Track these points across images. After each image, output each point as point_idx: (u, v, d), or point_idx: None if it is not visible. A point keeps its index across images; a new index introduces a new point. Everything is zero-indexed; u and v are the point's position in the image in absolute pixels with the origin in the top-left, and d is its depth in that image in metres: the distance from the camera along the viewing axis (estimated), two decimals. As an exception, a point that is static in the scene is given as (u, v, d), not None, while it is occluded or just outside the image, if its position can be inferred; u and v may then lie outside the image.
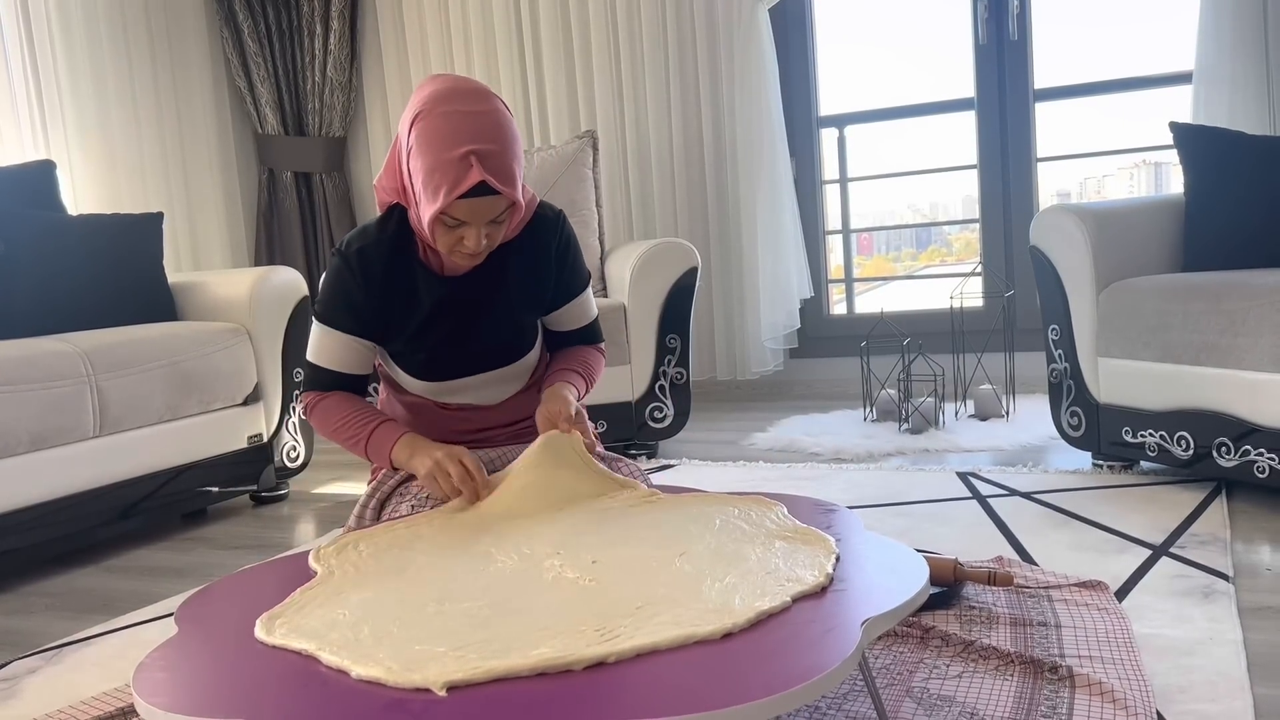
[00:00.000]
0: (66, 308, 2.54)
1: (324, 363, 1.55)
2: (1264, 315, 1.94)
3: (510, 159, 1.37)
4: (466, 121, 1.34)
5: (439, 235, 1.40)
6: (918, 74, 3.78)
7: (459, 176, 1.33)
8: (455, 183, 1.33)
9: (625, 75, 3.77)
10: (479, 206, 1.36)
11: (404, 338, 1.56)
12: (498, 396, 1.64)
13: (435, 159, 1.34)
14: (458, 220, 1.38)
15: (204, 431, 2.52)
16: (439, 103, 1.36)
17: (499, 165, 1.35)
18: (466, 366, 1.59)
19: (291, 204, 4.28)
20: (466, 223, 1.38)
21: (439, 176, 1.34)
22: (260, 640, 1.01)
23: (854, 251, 3.92)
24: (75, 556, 2.33)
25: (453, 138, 1.34)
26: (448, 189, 1.34)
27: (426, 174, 1.36)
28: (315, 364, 1.56)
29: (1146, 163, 3.77)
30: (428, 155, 1.35)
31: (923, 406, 3.00)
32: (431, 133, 1.35)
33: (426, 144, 1.35)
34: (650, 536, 1.22)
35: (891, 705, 1.23)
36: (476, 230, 1.39)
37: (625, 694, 0.83)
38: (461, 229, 1.39)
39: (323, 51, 4.20)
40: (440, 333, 1.55)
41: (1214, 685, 1.24)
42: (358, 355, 1.56)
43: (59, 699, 1.48)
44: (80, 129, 3.54)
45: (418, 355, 1.57)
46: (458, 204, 1.35)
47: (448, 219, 1.38)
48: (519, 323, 1.60)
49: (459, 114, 1.35)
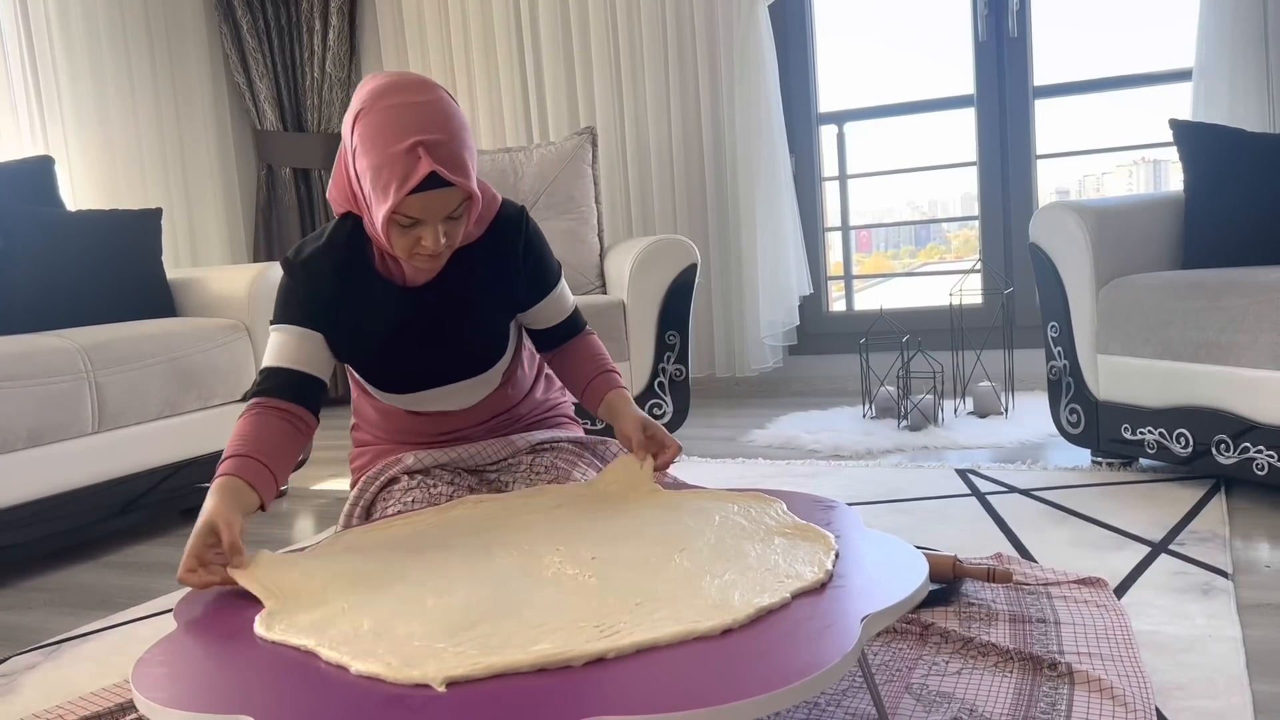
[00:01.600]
0: (65, 304, 2.53)
1: (271, 361, 1.44)
2: (1263, 312, 1.94)
3: (460, 147, 1.30)
4: (410, 113, 1.28)
5: (395, 238, 1.33)
6: (917, 71, 3.78)
7: (408, 170, 1.26)
8: (405, 177, 1.26)
9: (625, 72, 3.77)
10: (433, 201, 1.29)
11: (367, 354, 1.49)
12: (471, 401, 1.58)
13: (381, 155, 1.28)
14: (412, 219, 1.31)
15: (203, 427, 2.52)
16: (380, 98, 1.30)
17: (448, 154, 1.28)
18: (437, 379, 1.53)
19: (290, 200, 4.27)
20: (422, 221, 1.31)
21: (387, 173, 1.28)
22: (260, 636, 1.00)
23: (853, 248, 3.92)
24: (74, 552, 2.32)
25: (398, 130, 1.27)
26: (398, 184, 1.27)
27: (374, 172, 1.29)
28: (262, 369, 1.44)
29: (1145, 160, 3.77)
30: (373, 152, 1.29)
31: (922, 403, 3.00)
32: (375, 129, 1.29)
33: (371, 141, 1.29)
34: (650, 533, 1.22)
35: (890, 702, 1.23)
36: (433, 228, 1.31)
37: (625, 690, 0.83)
38: (417, 228, 1.32)
39: (321, 47, 4.19)
40: (408, 349, 1.49)
41: (1213, 682, 1.24)
42: (310, 350, 1.44)
43: (57, 694, 1.48)
44: (79, 125, 3.54)
45: (384, 371, 1.51)
46: (410, 200, 1.28)
47: (401, 218, 1.30)
48: (491, 329, 1.54)
49: (402, 106, 1.28)
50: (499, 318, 1.54)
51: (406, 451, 1.57)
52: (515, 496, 1.42)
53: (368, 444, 1.65)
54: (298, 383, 1.43)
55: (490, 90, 4.02)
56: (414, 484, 1.51)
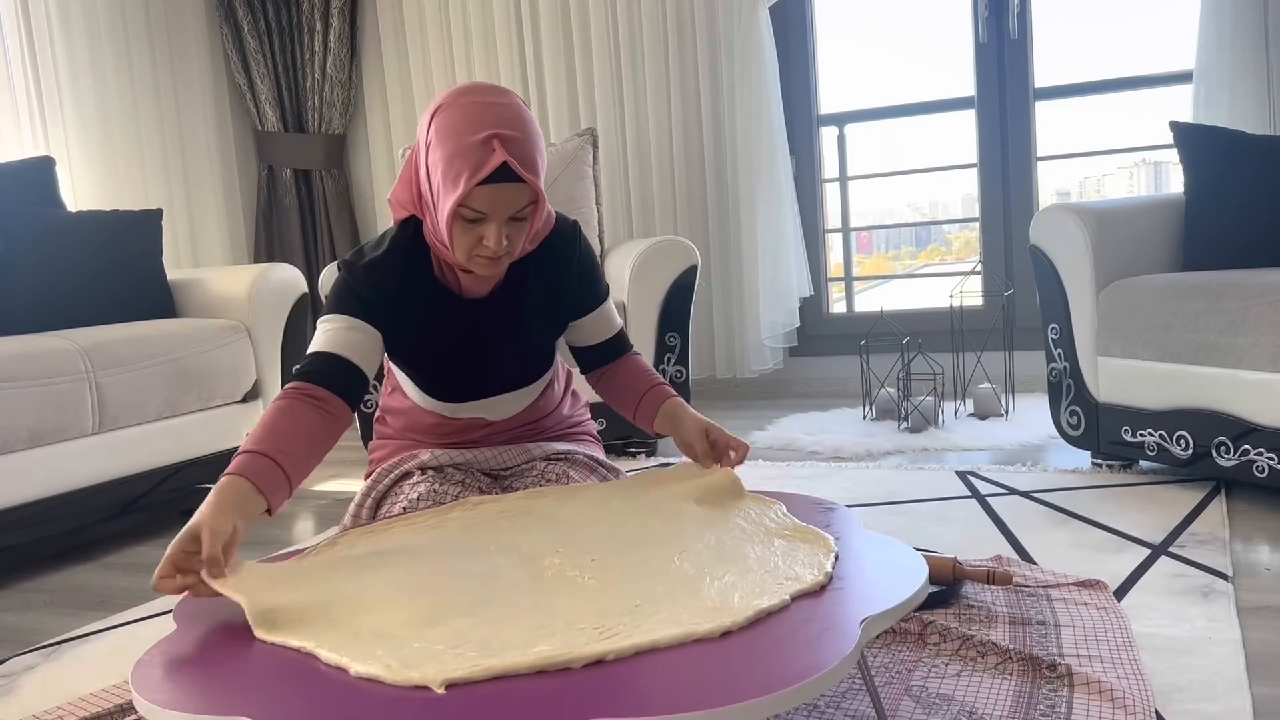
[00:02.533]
0: (65, 304, 2.54)
1: (317, 347, 1.39)
2: (1263, 315, 1.94)
3: (533, 150, 1.31)
4: (489, 110, 1.30)
5: (457, 235, 1.32)
6: (918, 72, 3.78)
7: (481, 159, 1.27)
8: (477, 166, 1.27)
9: (625, 73, 3.77)
10: (501, 196, 1.29)
11: (419, 360, 1.50)
12: (509, 412, 1.59)
13: (456, 144, 1.29)
14: (477, 213, 1.30)
15: (203, 428, 2.52)
16: (460, 95, 1.32)
17: (522, 152, 1.29)
18: (483, 391, 1.54)
19: (291, 201, 4.27)
20: (486, 217, 1.31)
21: (459, 162, 1.28)
22: (259, 638, 1.00)
23: (854, 250, 3.92)
24: (74, 553, 2.32)
25: (475, 123, 1.29)
26: (469, 173, 1.27)
27: (447, 163, 1.30)
28: (309, 353, 1.39)
29: (1146, 162, 3.77)
30: (448, 143, 1.30)
31: (922, 405, 2.99)
32: (452, 122, 1.30)
33: (447, 132, 1.30)
34: (650, 534, 1.22)
35: (890, 704, 1.23)
36: (497, 227, 1.31)
37: (624, 692, 0.83)
38: (481, 226, 1.32)
39: (322, 48, 4.19)
40: (460, 360, 1.50)
41: (1212, 684, 1.24)
42: (360, 341, 1.39)
43: (57, 695, 1.48)
44: (80, 125, 3.54)
45: (432, 378, 1.52)
46: (478, 192, 1.28)
47: (467, 211, 1.30)
48: (542, 345, 1.55)
49: (481, 103, 1.30)
50: (549, 333, 1.55)
51: (425, 449, 1.58)
52: (516, 498, 1.42)
53: (390, 437, 1.66)
54: (340, 370, 1.37)
55: (491, 91, 4.02)
56: (424, 478, 1.51)
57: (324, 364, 1.36)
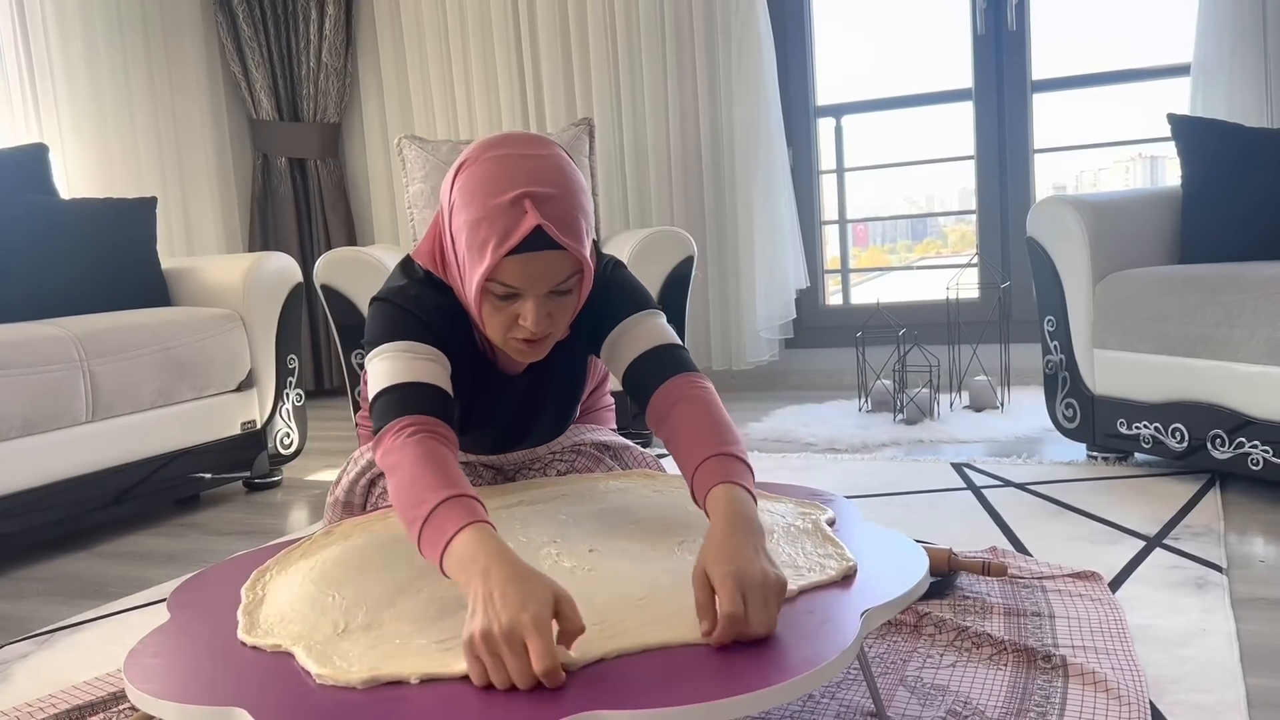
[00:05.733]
0: (59, 292, 2.52)
1: (400, 378, 1.15)
2: (1260, 308, 1.94)
3: (574, 208, 1.10)
4: (521, 164, 1.10)
5: (488, 315, 1.14)
6: (915, 64, 3.77)
7: (510, 224, 1.07)
8: (506, 232, 1.07)
9: (622, 63, 3.76)
10: (536, 266, 1.09)
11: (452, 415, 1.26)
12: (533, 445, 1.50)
13: (482, 207, 1.09)
14: (510, 288, 1.11)
15: (197, 417, 2.51)
16: (487, 149, 1.13)
17: (559, 212, 1.09)
18: (515, 445, 1.45)
19: (286, 190, 4.26)
20: (521, 293, 1.11)
21: (485, 228, 1.08)
22: (241, 640, 0.98)
23: (850, 242, 3.92)
24: (67, 542, 2.32)
25: (504, 181, 1.09)
26: (497, 241, 1.07)
27: (471, 229, 1.10)
28: (388, 387, 1.14)
29: (1142, 156, 3.77)
30: (473, 205, 1.10)
31: (918, 397, 3.00)
32: (478, 179, 1.10)
33: (471, 193, 1.10)
34: (648, 525, 1.21)
35: (885, 694, 1.23)
36: (535, 304, 1.11)
37: (622, 684, 0.82)
38: (516, 303, 1.12)
39: (318, 37, 4.17)
40: (493, 426, 1.38)
41: (1207, 676, 1.24)
42: (441, 372, 1.18)
43: (50, 684, 1.48)
44: (74, 112, 3.52)
45: (461, 432, 1.38)
46: (509, 264, 1.08)
47: (497, 286, 1.11)
48: (577, 398, 1.42)
49: (511, 157, 1.11)
50: (582, 380, 1.42)
51: None
52: (516, 488, 1.41)
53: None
54: (442, 403, 1.15)
55: (487, 80, 4.00)
56: None
57: (425, 395, 1.15)
